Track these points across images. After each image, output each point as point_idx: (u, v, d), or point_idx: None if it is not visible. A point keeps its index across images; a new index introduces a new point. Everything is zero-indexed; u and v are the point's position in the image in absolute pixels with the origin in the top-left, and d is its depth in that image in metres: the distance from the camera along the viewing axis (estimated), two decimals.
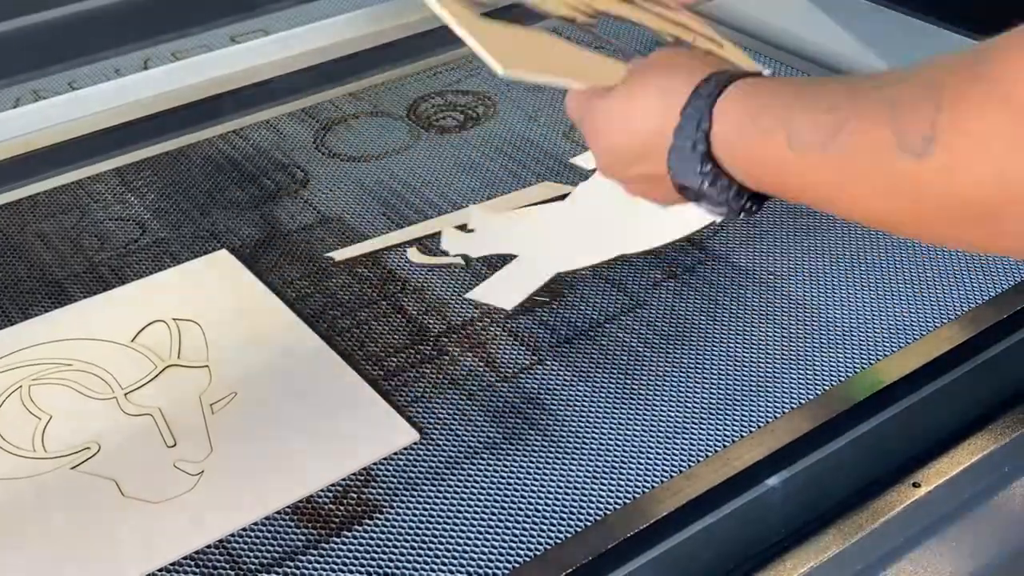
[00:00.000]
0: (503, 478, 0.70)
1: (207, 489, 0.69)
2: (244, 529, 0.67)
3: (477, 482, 0.70)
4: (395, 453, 0.72)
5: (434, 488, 0.69)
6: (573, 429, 0.73)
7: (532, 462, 0.71)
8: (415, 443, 0.73)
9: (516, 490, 0.69)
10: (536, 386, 0.77)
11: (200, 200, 0.98)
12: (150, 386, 0.78)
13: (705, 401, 0.75)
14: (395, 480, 0.70)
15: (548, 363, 0.79)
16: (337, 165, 1.02)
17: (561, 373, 0.78)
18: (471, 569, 0.64)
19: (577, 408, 0.75)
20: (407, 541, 0.66)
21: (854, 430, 0.74)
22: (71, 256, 0.91)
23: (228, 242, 0.92)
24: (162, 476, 0.70)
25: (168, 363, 0.79)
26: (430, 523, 0.67)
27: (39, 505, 0.69)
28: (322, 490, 0.69)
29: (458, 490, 0.69)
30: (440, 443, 0.73)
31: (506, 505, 0.68)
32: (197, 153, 1.04)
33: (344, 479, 0.70)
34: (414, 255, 0.90)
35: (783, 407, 0.75)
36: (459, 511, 0.68)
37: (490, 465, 0.71)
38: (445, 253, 0.90)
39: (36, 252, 0.91)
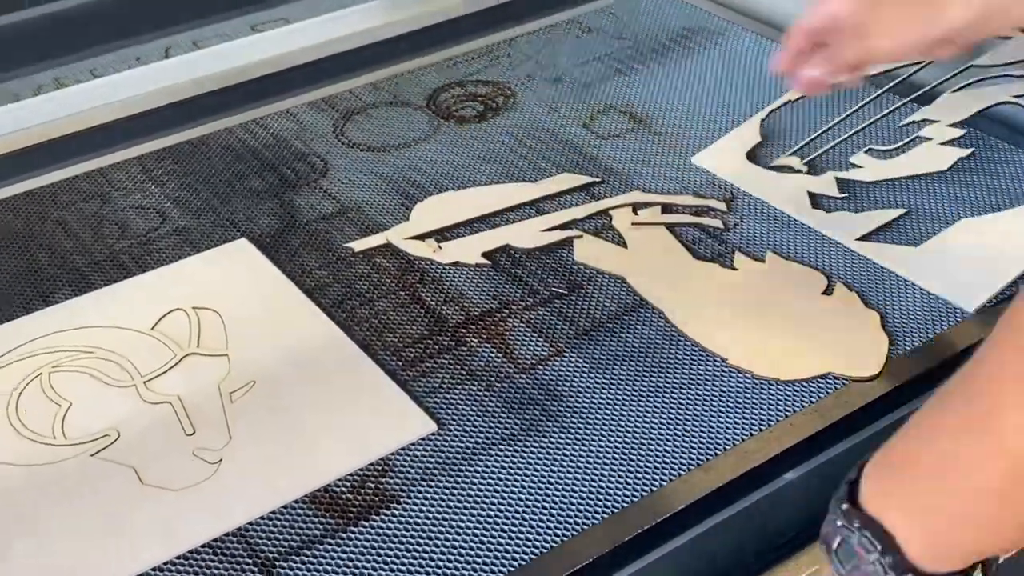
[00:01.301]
0: (521, 469, 0.70)
1: (226, 477, 0.70)
2: (262, 518, 0.67)
3: (495, 473, 0.70)
4: (412, 443, 0.72)
5: (451, 479, 0.69)
6: (591, 421, 0.73)
7: (550, 454, 0.71)
8: (432, 434, 0.73)
9: (533, 482, 0.69)
10: (554, 378, 0.77)
11: (220, 189, 0.98)
12: (170, 374, 0.78)
13: (724, 394, 0.75)
14: (412, 470, 0.70)
15: (567, 355, 0.79)
16: (356, 155, 1.02)
17: (580, 365, 0.78)
18: (488, 560, 0.64)
19: (596, 400, 0.75)
20: (424, 531, 0.66)
21: (873, 425, 0.74)
22: (92, 244, 0.91)
23: (248, 231, 0.92)
24: (181, 464, 0.71)
25: (187, 351, 0.80)
26: (447, 514, 0.67)
27: (59, 492, 0.69)
28: (339, 480, 0.70)
29: (475, 481, 0.69)
30: (457, 434, 0.73)
31: (523, 497, 0.68)
32: (217, 142, 1.04)
33: (361, 469, 0.70)
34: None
35: (803, 402, 0.74)
36: (476, 502, 0.68)
37: (508, 456, 0.71)
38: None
39: (57, 240, 0.92)
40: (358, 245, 0.90)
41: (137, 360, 0.79)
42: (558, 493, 0.68)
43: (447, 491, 0.69)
